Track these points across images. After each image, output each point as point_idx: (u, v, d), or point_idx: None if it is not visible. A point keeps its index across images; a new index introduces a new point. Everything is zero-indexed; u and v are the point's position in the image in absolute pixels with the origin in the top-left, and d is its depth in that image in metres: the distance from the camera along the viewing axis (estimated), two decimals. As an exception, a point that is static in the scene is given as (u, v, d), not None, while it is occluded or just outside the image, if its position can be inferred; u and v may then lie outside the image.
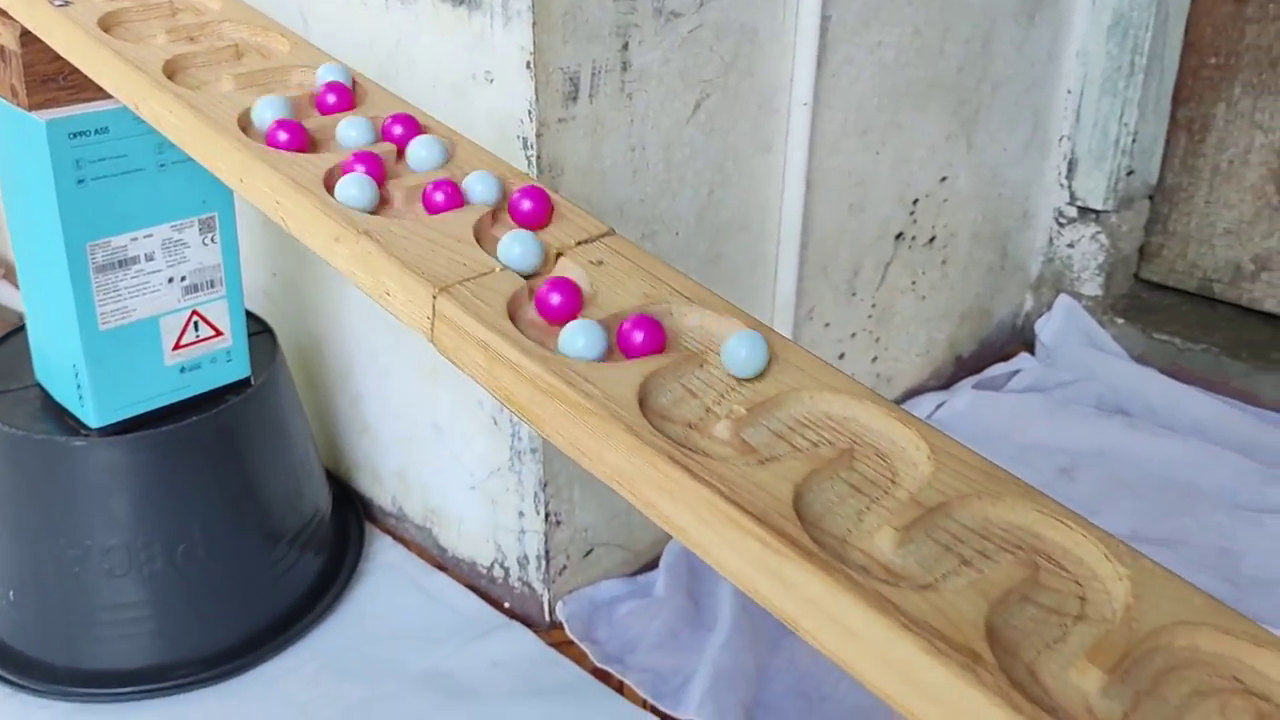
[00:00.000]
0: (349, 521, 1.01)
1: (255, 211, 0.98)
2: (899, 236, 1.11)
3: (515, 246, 0.47)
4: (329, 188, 0.49)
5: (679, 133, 0.85)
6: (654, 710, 0.83)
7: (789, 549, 0.35)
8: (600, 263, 0.48)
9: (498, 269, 0.46)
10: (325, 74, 0.58)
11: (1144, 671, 0.34)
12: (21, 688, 0.82)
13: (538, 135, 0.74)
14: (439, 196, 0.49)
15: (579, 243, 0.49)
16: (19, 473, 0.78)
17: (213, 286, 0.79)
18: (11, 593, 0.82)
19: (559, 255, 0.48)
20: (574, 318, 0.44)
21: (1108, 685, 0.33)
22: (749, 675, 0.85)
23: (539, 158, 0.75)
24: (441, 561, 0.98)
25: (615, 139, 0.80)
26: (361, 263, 0.46)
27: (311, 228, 0.48)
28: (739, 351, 0.43)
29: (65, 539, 0.79)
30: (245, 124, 0.54)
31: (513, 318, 0.44)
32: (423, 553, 0.99)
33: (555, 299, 0.44)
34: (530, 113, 0.74)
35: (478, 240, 0.48)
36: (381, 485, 1.02)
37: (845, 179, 1.02)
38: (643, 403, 0.41)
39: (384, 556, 0.99)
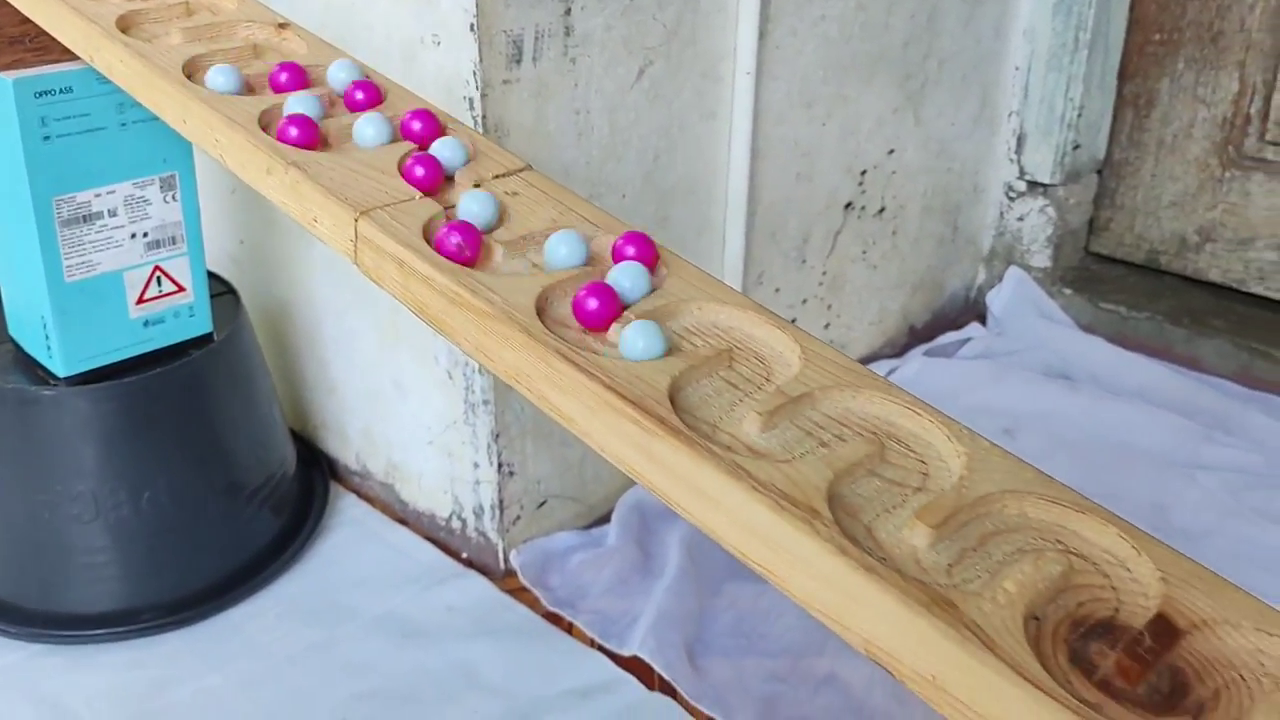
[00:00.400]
0: (314, 479, 1.04)
1: (222, 180, 1.02)
2: (848, 206, 1.15)
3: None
4: (264, 126, 0.53)
5: (623, 98, 0.89)
6: (601, 648, 0.87)
7: (659, 429, 0.39)
8: (515, 194, 0.52)
9: (417, 197, 0.50)
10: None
11: (972, 532, 0.38)
12: (-5, 630, 0.86)
13: (483, 96, 0.78)
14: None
15: (496, 176, 0.53)
16: (-9, 421, 0.82)
17: (174, 243, 0.82)
18: (-16, 538, 0.86)
19: (476, 186, 0.52)
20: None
21: (935, 541, 0.37)
22: (691, 615, 0.88)
23: (484, 118, 0.79)
24: (403, 515, 1.02)
25: (559, 102, 0.84)
26: (291, 192, 0.50)
27: (246, 161, 0.52)
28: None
29: (34, 485, 0.83)
30: (190, 72, 0.58)
31: (427, 238, 0.48)
32: (386, 508, 1.03)
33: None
34: (475, 74, 0.77)
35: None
36: (346, 444, 1.05)
37: (792, 149, 1.06)
38: (541, 311, 0.45)
39: (348, 513, 1.03)
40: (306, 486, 1.03)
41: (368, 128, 0.53)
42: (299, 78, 0.58)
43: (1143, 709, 0.32)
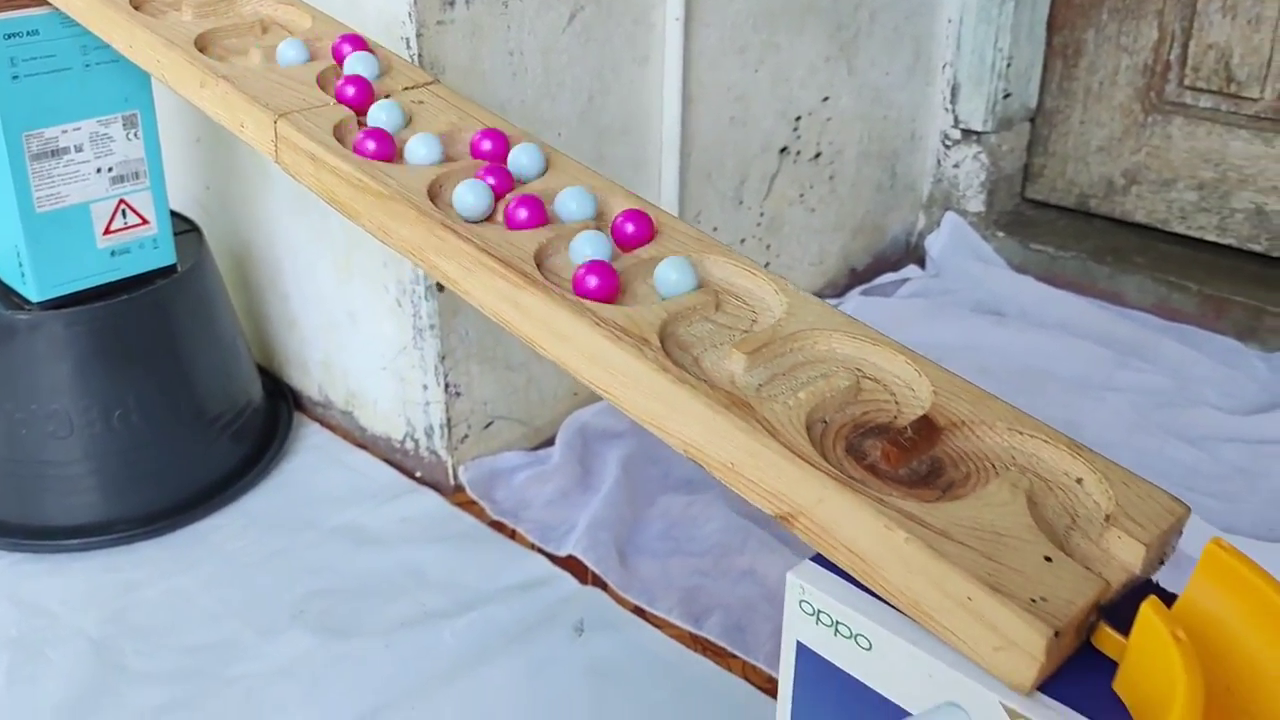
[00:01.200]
0: (280, 410, 1.11)
1: (188, 130, 1.09)
2: (783, 151, 1.22)
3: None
4: (201, 48, 0.60)
5: (556, 40, 0.95)
6: (540, 551, 0.94)
7: (524, 282, 0.46)
8: (421, 102, 0.59)
9: (330, 103, 0.57)
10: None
11: (784, 361, 0.45)
12: (-22, 541, 0.93)
13: (418, 36, 0.85)
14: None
15: (405, 88, 0.59)
16: (-29, 345, 0.89)
17: (137, 178, 0.89)
18: (-32, 455, 0.92)
19: (386, 96, 0.59)
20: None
21: (750, 367, 0.44)
22: (625, 522, 0.95)
23: (420, 57, 0.86)
24: (362, 440, 1.09)
25: (494, 43, 0.90)
26: (221, 102, 0.57)
27: (183, 77, 0.58)
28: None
29: (13, 404, 0.90)
30: (138, 4, 0.64)
31: (342, 142, 0.55)
32: (346, 434, 1.10)
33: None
34: (410, 14, 0.84)
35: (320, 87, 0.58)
36: (309, 376, 1.12)
37: (725, 93, 1.12)
38: (434, 197, 0.52)
39: (311, 440, 1.10)
40: (272, 417, 1.10)
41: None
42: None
43: (899, 484, 0.39)
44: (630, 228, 0.50)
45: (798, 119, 1.22)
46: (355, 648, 0.84)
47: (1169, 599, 0.37)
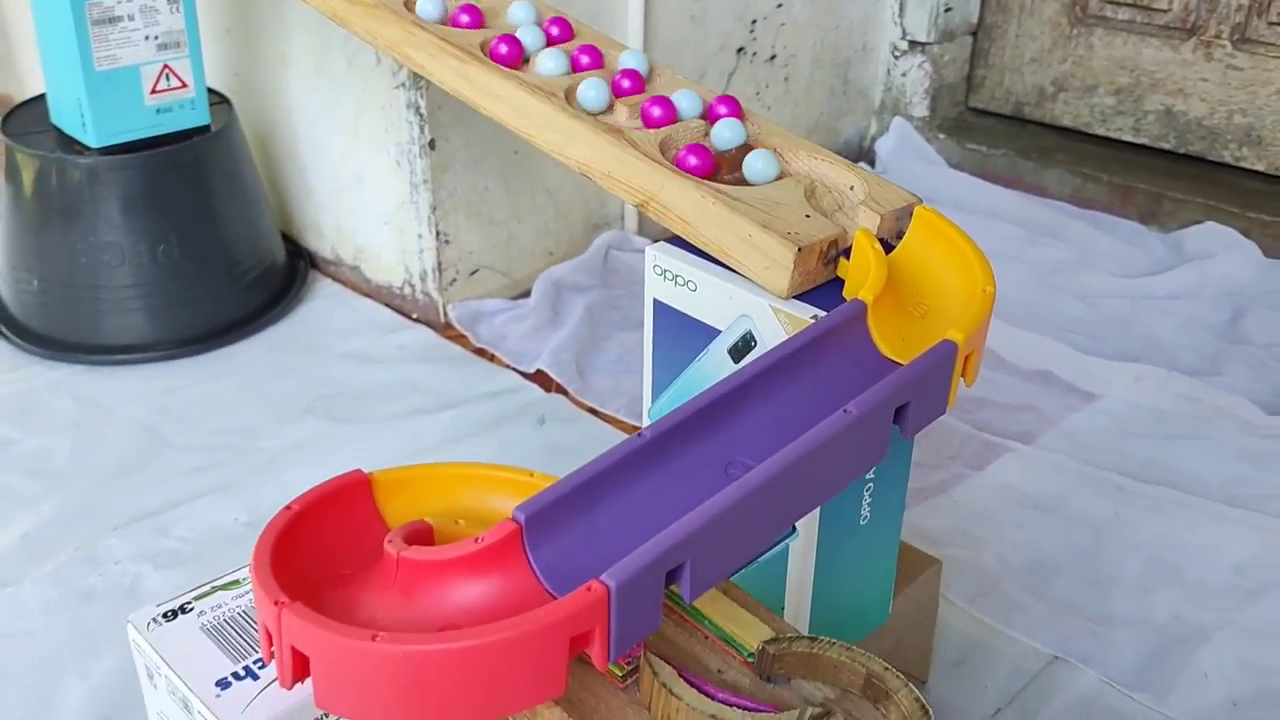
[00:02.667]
0: (298, 268, 1.29)
1: (220, 22, 1.26)
2: (740, 50, 1.38)
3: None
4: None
5: (532, -62, 1.12)
6: (513, 369, 1.11)
7: (469, 59, 0.63)
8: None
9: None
10: None
11: (656, 115, 0.62)
12: (40, 355, 1.11)
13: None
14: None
15: (393, -59, 0.76)
16: (43, 185, 1.07)
17: (179, 47, 1.06)
18: (35, 280, 1.11)
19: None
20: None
21: (629, 116, 0.61)
22: (585, 348, 1.13)
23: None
24: (367, 290, 1.27)
25: (477, -63, 1.07)
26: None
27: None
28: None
29: (75, 236, 1.08)
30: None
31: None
32: (354, 286, 1.28)
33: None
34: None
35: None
36: (323, 238, 1.30)
37: (685, -6, 1.29)
38: (409, 7, 0.69)
39: (323, 291, 1.28)
40: (291, 273, 1.28)
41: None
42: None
43: (719, 183, 0.56)
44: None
45: (754, 22, 1.38)
46: (357, 431, 1.02)
47: (890, 249, 0.54)
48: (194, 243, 1.12)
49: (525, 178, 1.21)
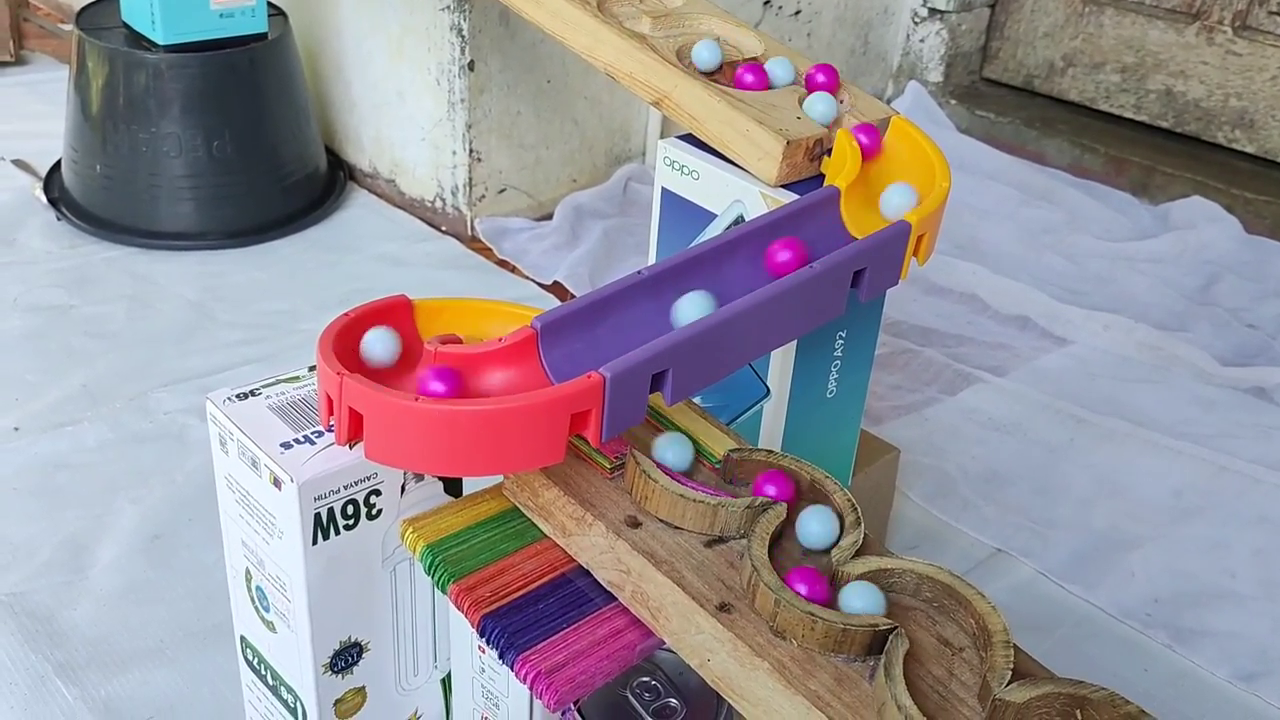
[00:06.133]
0: (338, 178, 1.38)
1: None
2: (766, 3, 1.46)
3: None
4: None
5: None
6: (532, 280, 1.20)
7: (517, -29, 0.72)
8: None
9: None
10: None
11: (674, 27, 0.70)
12: (98, 236, 1.21)
13: None
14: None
15: None
16: (112, 77, 1.16)
17: (245, -43, 1.15)
18: (98, 166, 1.20)
19: None
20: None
21: (653, 27, 0.69)
22: (600, 266, 1.22)
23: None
24: (401, 203, 1.35)
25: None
26: None
27: None
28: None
29: (138, 125, 1.17)
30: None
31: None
32: (389, 199, 1.37)
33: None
34: None
35: None
36: (362, 152, 1.39)
37: (718, -55, 1.36)
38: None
39: (360, 201, 1.37)
40: (331, 182, 1.37)
41: None
42: None
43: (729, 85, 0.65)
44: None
45: (781, -22, 1.46)
46: (385, 321, 1.11)
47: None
48: (245, 142, 1.20)
49: (555, 107, 1.30)
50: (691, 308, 0.51)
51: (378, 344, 0.49)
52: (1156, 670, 0.76)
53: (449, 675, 0.59)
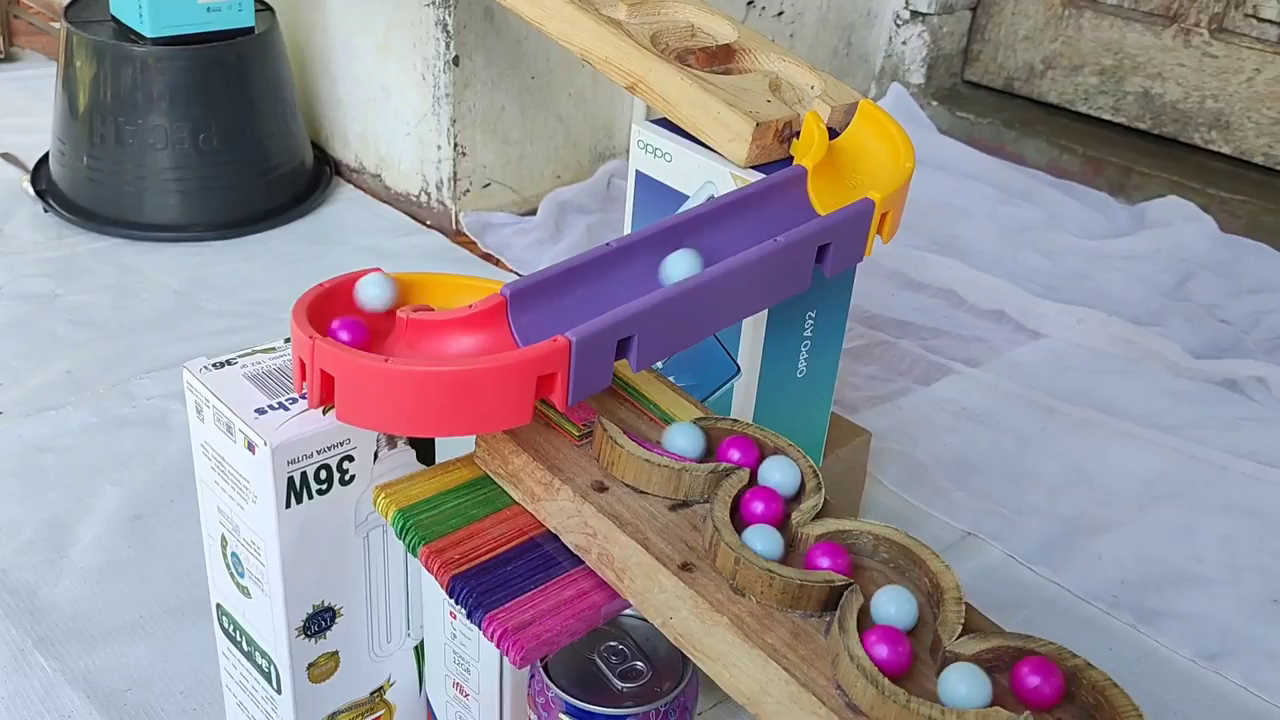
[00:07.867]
0: (324, 173, 1.39)
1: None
2: (750, 3, 1.48)
3: None
4: None
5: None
6: (515, 273, 1.22)
7: (496, -40, 0.73)
8: None
9: None
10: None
11: (651, 14, 0.72)
12: (84, 227, 1.22)
13: None
14: None
15: None
16: (99, 70, 1.17)
17: (233, -48, 1.16)
18: (85, 158, 1.21)
19: None
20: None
21: (629, 14, 0.71)
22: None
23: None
24: (387, 198, 1.37)
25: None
26: None
27: None
28: None
29: (125, 118, 1.18)
30: None
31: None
32: (375, 193, 1.38)
33: None
34: None
35: None
36: (348, 147, 1.40)
37: (701, -54, 1.38)
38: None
39: (346, 195, 1.38)
40: (317, 176, 1.38)
41: None
42: None
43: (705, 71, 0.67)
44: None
45: (764, -21, 1.47)
46: (368, 311, 1.12)
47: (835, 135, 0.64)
48: (231, 135, 1.22)
49: (539, 103, 1.31)
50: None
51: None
52: (1121, 650, 0.77)
53: (421, 643, 0.60)
